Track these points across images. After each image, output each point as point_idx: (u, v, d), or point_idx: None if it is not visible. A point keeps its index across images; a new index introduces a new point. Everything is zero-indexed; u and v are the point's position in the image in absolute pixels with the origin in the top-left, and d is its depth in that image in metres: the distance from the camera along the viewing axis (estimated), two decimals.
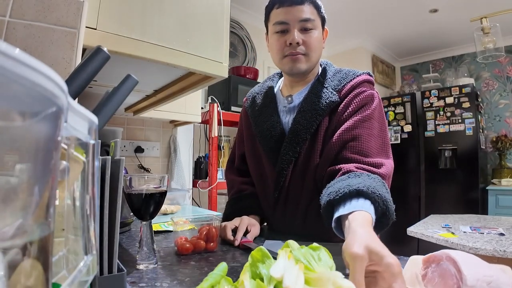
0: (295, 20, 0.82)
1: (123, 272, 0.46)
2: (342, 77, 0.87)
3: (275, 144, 0.88)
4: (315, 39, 0.84)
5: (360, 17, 3.20)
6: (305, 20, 0.82)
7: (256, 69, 2.60)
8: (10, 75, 0.14)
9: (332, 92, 0.84)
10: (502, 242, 1.41)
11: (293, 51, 0.83)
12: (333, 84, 0.86)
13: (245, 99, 1.08)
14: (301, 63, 0.84)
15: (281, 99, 0.94)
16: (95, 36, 0.67)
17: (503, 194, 3.14)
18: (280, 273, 0.35)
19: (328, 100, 0.83)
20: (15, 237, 0.18)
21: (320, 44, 0.87)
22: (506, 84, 3.65)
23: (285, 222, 0.91)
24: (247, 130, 1.01)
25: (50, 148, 0.20)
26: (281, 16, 0.83)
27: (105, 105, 0.48)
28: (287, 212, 0.90)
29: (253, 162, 0.99)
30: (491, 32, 1.99)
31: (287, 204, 0.90)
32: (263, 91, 1.01)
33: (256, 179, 0.99)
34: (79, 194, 0.29)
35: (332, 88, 0.85)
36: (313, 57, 0.86)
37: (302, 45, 0.83)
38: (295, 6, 0.82)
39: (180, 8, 0.82)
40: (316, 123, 0.83)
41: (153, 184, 0.62)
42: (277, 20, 0.84)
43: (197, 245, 0.70)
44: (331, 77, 0.88)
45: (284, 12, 0.83)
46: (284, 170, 0.86)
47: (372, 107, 0.82)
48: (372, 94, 0.83)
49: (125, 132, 1.97)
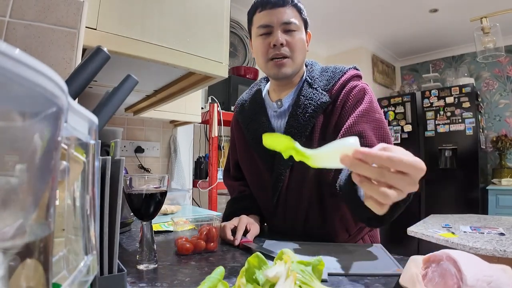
0: (278, 22, 0.82)
1: (123, 272, 0.46)
2: (330, 76, 0.87)
3: (271, 153, 0.87)
4: (298, 40, 0.84)
5: (360, 17, 3.20)
6: (288, 22, 0.82)
7: (256, 69, 2.60)
8: (10, 75, 0.14)
9: (322, 93, 0.84)
10: (502, 242, 1.41)
11: (277, 52, 0.83)
12: (322, 84, 0.86)
13: (235, 106, 1.08)
14: (286, 67, 0.84)
15: (270, 103, 0.94)
16: (95, 36, 0.67)
17: (503, 194, 3.14)
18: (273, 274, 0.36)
19: (319, 101, 0.83)
20: (15, 238, 0.18)
21: (304, 46, 0.87)
22: (506, 84, 3.65)
23: (286, 226, 0.91)
24: (240, 137, 1.00)
25: (50, 148, 0.20)
26: (264, 19, 0.83)
27: (105, 105, 0.48)
28: (287, 216, 0.90)
29: (248, 169, 0.99)
30: (491, 32, 1.99)
31: (286, 209, 0.89)
32: (251, 97, 1.00)
33: (253, 186, 0.99)
34: (79, 194, 0.29)
35: (322, 89, 0.85)
36: (298, 58, 0.85)
37: (286, 46, 0.83)
38: (277, 9, 0.82)
39: (180, 8, 0.82)
40: (310, 125, 0.83)
41: (153, 184, 0.62)
42: (260, 23, 0.84)
43: (197, 245, 0.70)
44: (319, 77, 0.88)
45: (267, 15, 0.83)
46: (282, 175, 0.86)
47: (368, 100, 0.81)
48: (364, 87, 0.84)
49: (125, 132, 1.97)
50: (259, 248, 0.70)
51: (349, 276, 0.55)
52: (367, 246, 0.76)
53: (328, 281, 0.53)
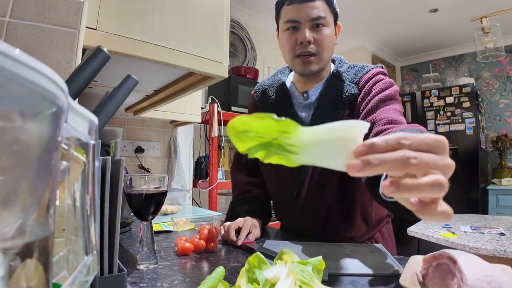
0: (306, 18, 0.80)
1: (123, 272, 0.46)
2: (357, 70, 0.86)
3: None
4: (326, 37, 0.81)
5: (360, 17, 3.20)
6: (316, 18, 0.79)
7: (256, 69, 2.60)
8: (10, 75, 0.14)
9: (350, 85, 0.82)
10: (503, 241, 1.41)
11: (304, 50, 0.81)
12: (349, 77, 0.84)
13: (253, 91, 1.03)
14: (313, 65, 0.83)
15: (296, 94, 0.91)
16: (95, 36, 0.67)
17: (503, 193, 3.13)
18: (272, 274, 0.36)
19: (348, 93, 0.81)
20: (15, 238, 0.18)
21: (332, 42, 0.84)
22: (506, 83, 3.65)
23: (305, 223, 0.89)
24: None
25: (51, 148, 0.20)
26: (292, 13, 0.81)
27: (105, 105, 0.48)
28: (307, 212, 0.87)
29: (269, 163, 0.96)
30: (491, 32, 1.98)
31: (306, 204, 0.86)
32: (274, 85, 0.96)
33: (272, 181, 0.96)
34: (79, 195, 0.29)
35: (349, 81, 0.83)
36: (325, 56, 0.83)
37: (314, 44, 0.81)
38: (307, 3, 0.79)
39: (180, 8, 0.82)
40: (338, 118, 0.80)
41: (153, 184, 0.62)
42: (287, 18, 0.82)
43: (197, 245, 0.70)
44: (346, 71, 0.87)
45: (295, 10, 0.80)
46: (305, 166, 0.82)
47: (393, 90, 0.80)
48: (391, 81, 0.82)
49: (125, 132, 1.97)
50: (260, 248, 0.70)
51: (349, 276, 0.55)
52: (367, 246, 0.76)
53: (328, 281, 0.53)
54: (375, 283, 0.52)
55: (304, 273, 0.40)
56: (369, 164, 0.30)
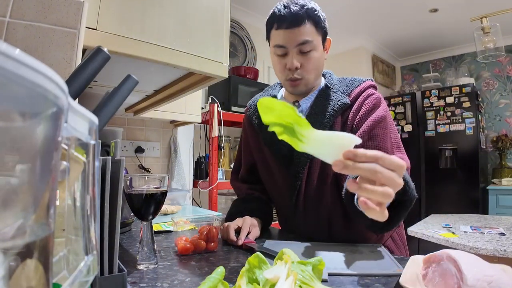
0: (293, 44, 0.81)
1: (123, 272, 0.46)
2: (348, 82, 0.89)
3: (288, 151, 0.87)
4: (313, 61, 0.84)
5: (360, 17, 3.20)
6: (303, 43, 0.81)
7: (256, 69, 2.60)
8: (10, 75, 0.14)
9: (342, 95, 0.86)
10: (503, 241, 1.41)
11: (291, 76, 0.84)
12: (341, 89, 0.88)
13: (246, 108, 1.06)
14: (300, 86, 0.87)
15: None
16: (95, 36, 0.67)
17: (503, 193, 3.14)
18: (272, 275, 0.36)
19: (340, 102, 0.85)
20: (15, 238, 0.18)
21: (320, 62, 0.87)
22: (506, 83, 3.65)
23: (308, 229, 0.90)
24: (254, 140, 0.99)
25: (51, 148, 0.20)
26: (280, 39, 0.83)
27: (106, 106, 0.48)
28: (308, 218, 0.89)
29: (265, 172, 0.97)
30: (491, 32, 1.99)
31: (307, 209, 0.88)
32: None
33: (270, 188, 0.98)
34: (79, 195, 0.29)
35: (341, 92, 0.87)
36: (312, 78, 0.87)
37: (301, 69, 0.84)
38: (293, 29, 0.80)
39: (180, 8, 0.82)
40: (329, 124, 0.83)
41: (153, 184, 0.62)
42: (276, 43, 0.84)
43: (197, 245, 0.70)
44: (338, 84, 0.91)
45: (282, 35, 0.82)
46: (299, 173, 0.85)
47: (383, 108, 0.84)
48: (379, 97, 0.87)
49: (126, 133, 1.97)
50: (260, 248, 0.70)
51: (349, 276, 0.55)
52: (367, 246, 0.76)
53: (328, 281, 0.53)
54: (375, 283, 0.52)
55: (304, 273, 0.40)
56: (347, 166, 0.45)
